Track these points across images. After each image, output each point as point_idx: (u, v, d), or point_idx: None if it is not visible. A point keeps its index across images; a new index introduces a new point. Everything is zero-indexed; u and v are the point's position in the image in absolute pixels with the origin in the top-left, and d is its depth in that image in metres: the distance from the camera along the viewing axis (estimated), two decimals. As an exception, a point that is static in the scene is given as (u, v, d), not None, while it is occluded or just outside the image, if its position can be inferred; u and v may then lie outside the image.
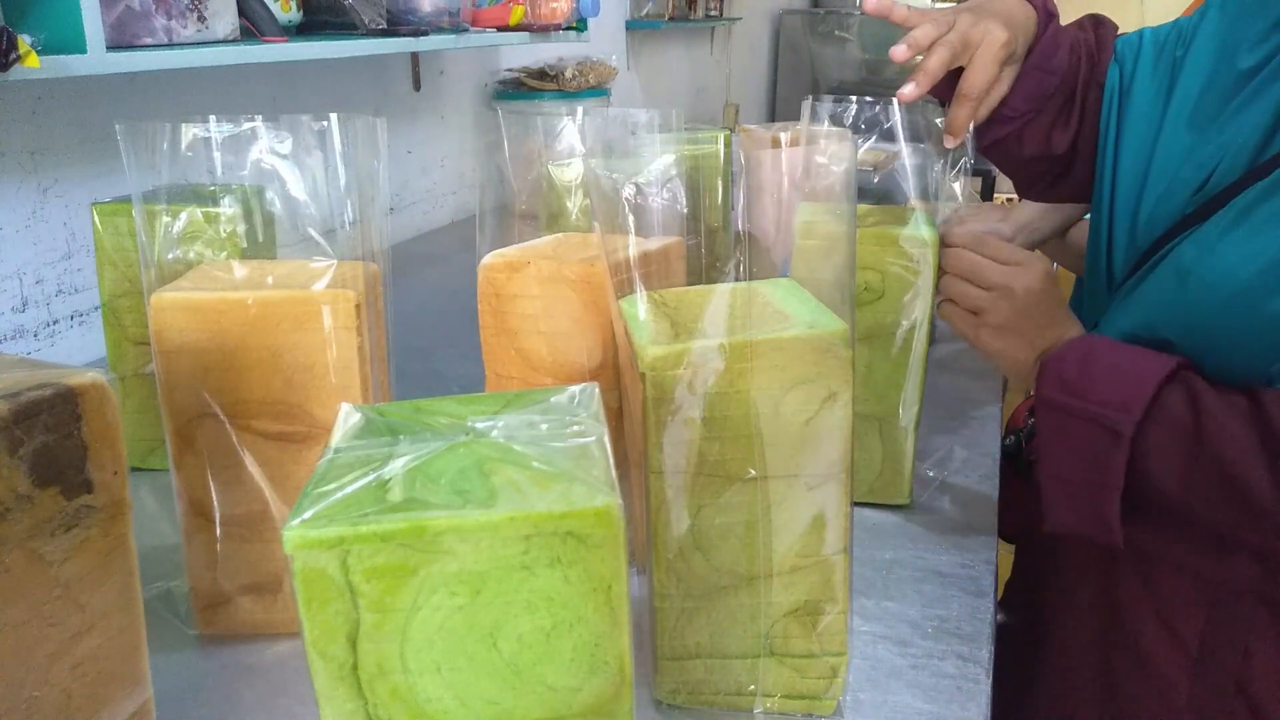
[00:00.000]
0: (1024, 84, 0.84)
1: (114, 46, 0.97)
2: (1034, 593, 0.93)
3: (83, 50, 0.88)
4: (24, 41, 0.81)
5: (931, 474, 0.93)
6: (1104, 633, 0.81)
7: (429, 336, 1.32)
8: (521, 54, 2.23)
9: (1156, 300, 0.75)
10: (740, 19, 3.83)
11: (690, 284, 0.69)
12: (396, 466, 0.44)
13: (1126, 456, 0.67)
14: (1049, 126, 0.87)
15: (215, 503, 0.65)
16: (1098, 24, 0.90)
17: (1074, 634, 0.85)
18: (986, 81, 0.81)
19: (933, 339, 0.84)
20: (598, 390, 0.51)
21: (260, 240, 0.78)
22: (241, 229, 0.77)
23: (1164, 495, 0.68)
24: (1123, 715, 0.80)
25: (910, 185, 0.81)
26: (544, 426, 0.47)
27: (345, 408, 0.50)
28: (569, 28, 1.90)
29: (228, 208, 0.76)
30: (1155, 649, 0.77)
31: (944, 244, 0.80)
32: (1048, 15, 0.86)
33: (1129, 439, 0.66)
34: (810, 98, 0.87)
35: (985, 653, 0.68)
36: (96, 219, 0.88)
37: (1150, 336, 0.73)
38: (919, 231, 0.80)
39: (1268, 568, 0.70)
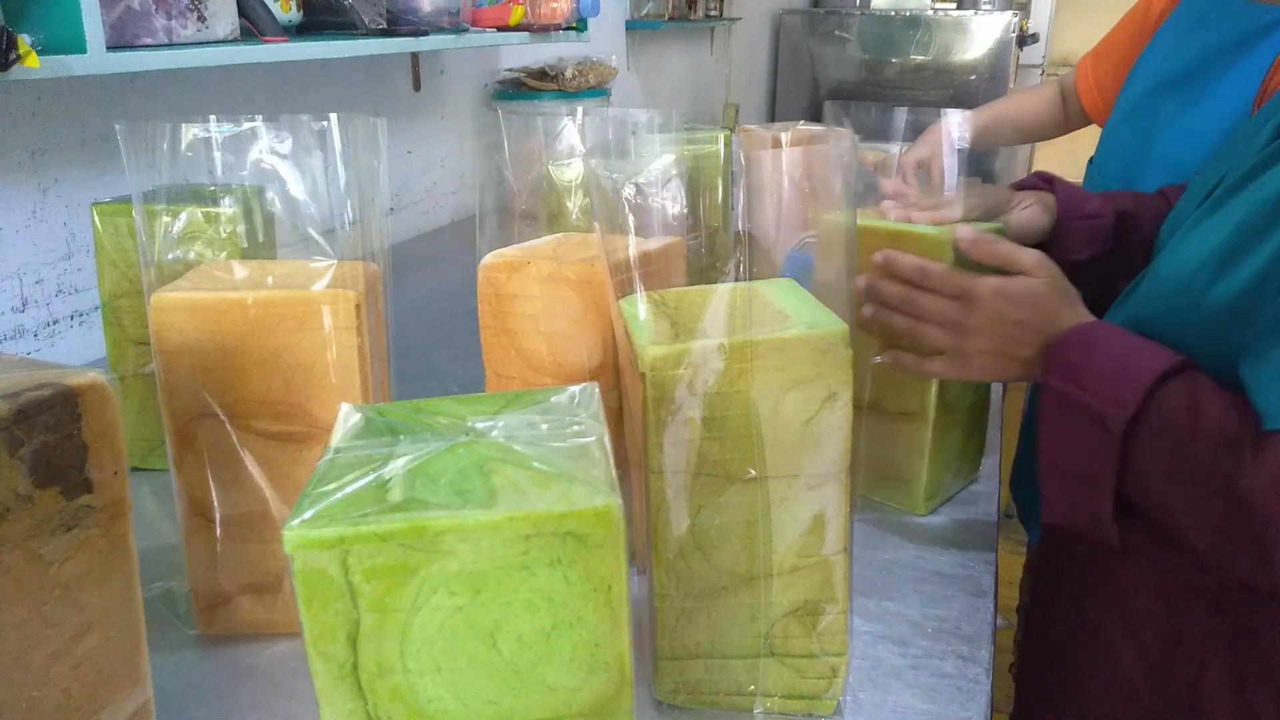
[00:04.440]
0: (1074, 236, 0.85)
1: (114, 46, 0.97)
2: (1039, 598, 0.93)
3: (83, 50, 0.88)
4: (24, 41, 0.82)
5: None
6: (1073, 635, 0.81)
7: (429, 336, 1.32)
8: (521, 54, 2.23)
9: (1129, 298, 0.76)
10: (740, 19, 3.82)
11: (690, 284, 0.69)
12: (396, 466, 0.44)
13: (1118, 453, 0.64)
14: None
15: (215, 503, 0.65)
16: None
17: (1049, 637, 0.85)
18: None
19: None
20: (598, 390, 0.51)
21: (260, 240, 0.78)
22: (241, 229, 0.77)
23: (1146, 494, 0.65)
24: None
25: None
26: (544, 426, 0.47)
27: (345, 408, 0.50)
28: (569, 28, 1.90)
29: (228, 208, 0.76)
30: (1122, 655, 0.76)
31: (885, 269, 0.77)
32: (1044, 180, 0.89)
33: (1119, 436, 0.64)
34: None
35: (985, 653, 0.68)
36: (96, 219, 0.88)
37: None
38: (931, 230, 0.79)
39: (1208, 572, 0.68)
